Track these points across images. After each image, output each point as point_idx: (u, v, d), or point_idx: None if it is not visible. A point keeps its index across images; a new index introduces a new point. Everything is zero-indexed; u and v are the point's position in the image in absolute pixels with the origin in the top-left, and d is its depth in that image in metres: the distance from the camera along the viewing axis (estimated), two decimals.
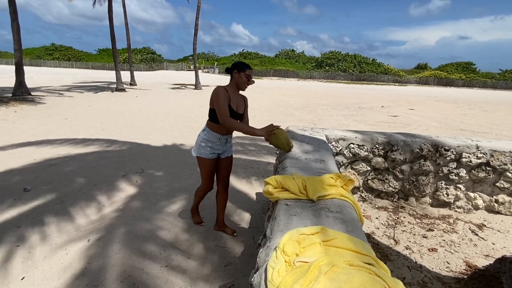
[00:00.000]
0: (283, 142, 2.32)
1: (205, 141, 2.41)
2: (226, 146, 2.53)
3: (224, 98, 2.24)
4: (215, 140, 2.40)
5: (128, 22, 20.93)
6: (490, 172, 3.25)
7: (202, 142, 2.42)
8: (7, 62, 53.74)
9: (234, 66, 2.35)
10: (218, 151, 2.48)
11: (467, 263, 2.44)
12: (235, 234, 2.78)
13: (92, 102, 12.18)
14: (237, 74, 2.31)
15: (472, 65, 54.52)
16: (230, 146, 2.60)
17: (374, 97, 21.88)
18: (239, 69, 2.30)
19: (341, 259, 1.04)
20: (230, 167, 2.66)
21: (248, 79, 2.32)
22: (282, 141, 2.31)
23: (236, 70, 2.31)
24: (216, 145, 2.42)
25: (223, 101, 2.23)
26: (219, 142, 2.43)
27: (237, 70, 2.31)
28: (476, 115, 13.32)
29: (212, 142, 2.40)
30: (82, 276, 2.16)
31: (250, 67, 2.34)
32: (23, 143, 5.66)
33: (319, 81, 47.79)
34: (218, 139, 2.40)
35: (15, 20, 12.15)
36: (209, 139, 2.40)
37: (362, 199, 3.52)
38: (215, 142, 2.41)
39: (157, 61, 57.53)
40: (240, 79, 2.30)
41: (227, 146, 2.54)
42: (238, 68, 2.31)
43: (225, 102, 2.24)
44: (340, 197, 1.64)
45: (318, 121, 9.72)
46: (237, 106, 2.38)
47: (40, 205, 3.20)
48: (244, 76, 2.30)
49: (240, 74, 2.30)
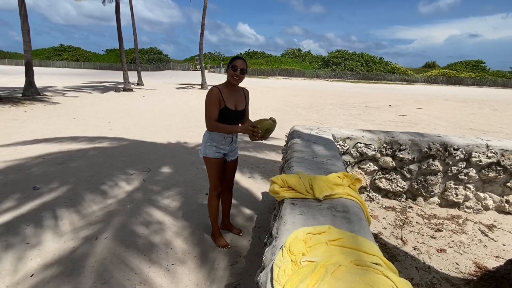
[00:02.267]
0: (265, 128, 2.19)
1: (210, 140, 2.39)
2: (231, 146, 2.49)
3: (213, 100, 2.22)
4: (220, 139, 2.39)
5: (135, 23, 21.11)
6: (500, 172, 3.19)
7: (208, 142, 2.40)
8: (17, 63, 54.73)
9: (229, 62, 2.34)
10: (224, 150, 2.46)
11: (477, 264, 2.40)
12: (241, 234, 2.78)
13: (100, 102, 12.32)
14: (228, 70, 2.29)
15: (482, 64, 53.60)
16: (236, 147, 2.56)
17: (382, 96, 21.66)
18: (228, 64, 2.29)
19: (348, 259, 1.03)
20: (235, 169, 2.64)
21: (234, 70, 2.23)
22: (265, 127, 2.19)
23: (228, 65, 2.29)
24: (221, 144, 2.41)
25: (211, 105, 2.23)
26: (224, 142, 2.41)
27: (227, 66, 2.29)
28: (485, 114, 13.08)
29: (217, 141, 2.39)
30: (90, 274, 2.19)
31: (238, 58, 2.28)
32: (33, 141, 5.76)
33: (326, 80, 47.53)
34: (223, 138, 2.39)
35: (25, 22, 12.37)
36: (214, 138, 2.38)
37: (369, 199, 3.48)
38: (220, 141, 2.40)
39: (163, 61, 57.95)
40: (229, 72, 2.27)
41: (232, 147, 2.50)
42: (229, 63, 2.29)
43: (213, 106, 2.23)
44: (347, 196, 1.62)
45: (325, 121, 9.66)
46: (236, 103, 2.34)
47: (48, 203, 3.24)
48: (231, 68, 2.24)
49: (228, 69, 2.27)
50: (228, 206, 2.78)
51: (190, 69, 54.32)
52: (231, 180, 2.67)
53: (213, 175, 2.45)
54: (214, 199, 2.55)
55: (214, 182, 2.49)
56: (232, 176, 2.66)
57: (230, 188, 2.71)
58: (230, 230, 2.81)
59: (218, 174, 2.46)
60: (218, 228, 2.68)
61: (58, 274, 2.18)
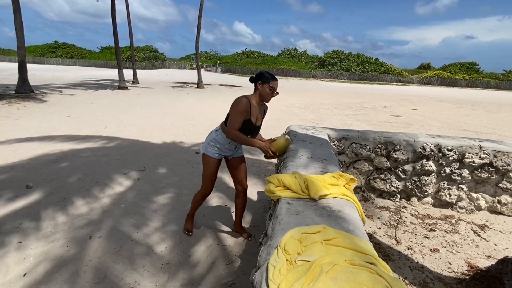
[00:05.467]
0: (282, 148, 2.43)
1: (214, 141, 2.38)
2: (234, 151, 2.51)
3: (242, 111, 2.18)
4: (224, 143, 2.37)
5: (130, 20, 20.94)
6: (493, 172, 3.23)
7: (212, 141, 2.39)
8: (10, 59, 53.93)
9: (259, 76, 2.26)
10: (226, 153, 2.47)
11: (469, 264, 2.43)
12: (250, 238, 2.71)
13: (95, 99, 12.21)
14: (261, 85, 2.22)
15: (476, 65, 54.19)
16: (240, 150, 2.58)
17: (377, 96, 21.80)
18: (264, 80, 2.22)
19: (342, 258, 1.04)
20: (244, 169, 2.58)
21: (272, 92, 2.23)
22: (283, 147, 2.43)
23: (260, 81, 2.23)
24: (224, 147, 2.40)
25: (239, 115, 2.19)
26: (228, 146, 2.40)
27: (262, 82, 2.22)
28: (479, 116, 13.24)
29: (221, 144, 2.38)
30: (83, 273, 2.17)
31: (275, 78, 2.25)
32: (26, 139, 5.69)
33: (322, 80, 47.66)
34: (228, 143, 2.38)
35: (19, 18, 12.19)
36: (219, 140, 2.37)
37: (364, 198, 3.51)
38: (224, 145, 2.39)
39: (159, 59, 57.57)
40: (264, 91, 2.22)
41: (235, 151, 2.52)
42: (263, 79, 2.22)
43: (241, 116, 2.19)
44: (342, 196, 1.63)
45: (320, 121, 9.70)
46: (257, 118, 2.33)
47: (41, 202, 3.21)
48: (268, 88, 2.21)
49: (264, 86, 2.21)
50: (242, 208, 2.69)
51: (186, 67, 54.03)
52: (241, 181, 2.58)
53: (207, 173, 2.46)
54: (199, 197, 2.60)
55: (206, 181, 2.49)
56: (242, 176, 2.57)
57: (245, 189, 2.62)
58: (241, 234, 2.74)
59: (211, 173, 2.46)
60: (192, 213, 2.75)
61: (51, 273, 2.16)
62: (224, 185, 3.87)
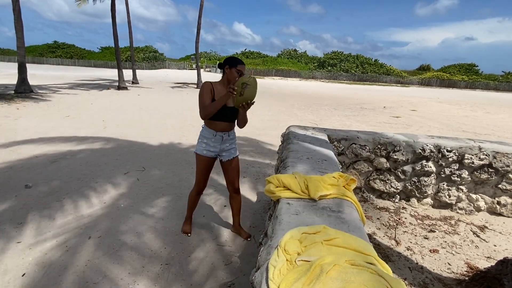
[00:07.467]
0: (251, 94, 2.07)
1: (201, 137, 2.43)
2: (224, 145, 2.44)
3: (205, 90, 2.25)
4: (209, 136, 2.38)
5: (130, 20, 20.93)
6: (492, 173, 3.24)
7: (199, 138, 2.45)
8: (10, 59, 53.88)
9: (226, 61, 2.32)
10: (215, 149, 2.41)
11: (469, 265, 2.43)
12: (249, 239, 2.70)
13: (94, 100, 12.19)
14: (228, 69, 2.28)
15: (475, 67, 54.33)
16: (231, 147, 2.50)
17: (376, 97, 21.82)
18: (231, 64, 2.27)
19: (342, 259, 1.04)
20: (236, 170, 2.57)
21: (240, 75, 2.26)
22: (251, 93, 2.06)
23: (227, 65, 2.29)
24: (211, 141, 2.39)
25: (203, 94, 2.26)
26: (214, 139, 2.38)
27: (229, 66, 2.28)
28: (478, 117, 13.26)
29: (207, 138, 2.39)
30: (82, 273, 2.16)
31: (242, 62, 2.29)
32: (25, 140, 5.67)
33: (321, 81, 47.67)
34: (213, 135, 2.37)
35: (19, 18, 12.18)
36: (205, 135, 2.41)
37: (363, 199, 3.51)
38: (210, 139, 2.39)
39: (159, 59, 57.56)
40: (231, 74, 2.26)
41: (225, 146, 2.44)
42: (230, 63, 2.28)
43: (206, 94, 2.25)
44: (342, 196, 1.63)
45: (320, 121, 9.70)
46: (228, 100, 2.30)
47: (41, 202, 3.20)
48: (236, 71, 2.25)
49: (231, 70, 2.26)
50: (237, 209, 2.70)
51: (186, 68, 54.01)
52: (232, 182, 2.59)
53: (197, 171, 2.50)
54: (193, 194, 2.63)
55: (197, 178, 2.54)
56: (233, 177, 2.58)
57: (235, 190, 2.62)
58: (239, 234, 2.75)
59: (202, 172, 2.49)
60: (190, 215, 2.78)
61: (50, 273, 2.15)
62: (223, 186, 3.87)
